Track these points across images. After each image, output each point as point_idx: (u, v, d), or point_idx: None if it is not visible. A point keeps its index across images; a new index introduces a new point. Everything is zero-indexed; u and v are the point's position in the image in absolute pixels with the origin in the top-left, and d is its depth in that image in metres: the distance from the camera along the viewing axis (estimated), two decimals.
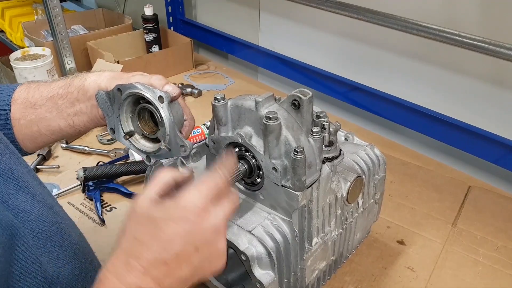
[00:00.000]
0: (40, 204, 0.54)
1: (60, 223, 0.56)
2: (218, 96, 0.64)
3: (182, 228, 0.47)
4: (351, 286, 0.87)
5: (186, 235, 0.47)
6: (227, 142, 0.67)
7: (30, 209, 0.52)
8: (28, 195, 0.53)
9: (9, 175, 0.52)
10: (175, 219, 0.47)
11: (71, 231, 0.59)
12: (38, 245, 0.51)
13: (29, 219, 0.51)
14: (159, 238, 0.47)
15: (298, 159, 0.57)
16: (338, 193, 0.71)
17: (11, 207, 0.49)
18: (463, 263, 0.93)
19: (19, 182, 0.53)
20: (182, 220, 0.47)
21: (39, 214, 0.53)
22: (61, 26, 1.55)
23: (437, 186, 1.14)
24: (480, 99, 1.18)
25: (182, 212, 0.47)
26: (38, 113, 0.65)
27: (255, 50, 1.69)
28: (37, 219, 0.52)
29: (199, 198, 0.49)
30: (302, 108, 0.61)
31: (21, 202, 0.51)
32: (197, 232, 0.48)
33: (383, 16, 1.19)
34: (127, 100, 0.62)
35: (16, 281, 0.46)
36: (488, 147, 1.15)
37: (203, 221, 0.48)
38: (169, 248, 0.47)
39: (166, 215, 0.47)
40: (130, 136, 0.65)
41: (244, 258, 0.62)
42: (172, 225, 0.47)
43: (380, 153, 0.83)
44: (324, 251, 0.73)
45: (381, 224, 1.01)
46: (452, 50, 1.14)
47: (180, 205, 0.48)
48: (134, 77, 0.64)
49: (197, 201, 0.48)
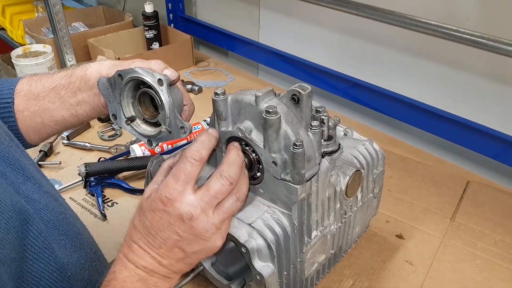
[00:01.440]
0: (46, 195, 0.55)
1: (65, 213, 0.57)
2: (218, 91, 0.65)
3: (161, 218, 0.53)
4: (350, 280, 0.88)
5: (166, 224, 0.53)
6: (228, 136, 0.68)
7: (38, 199, 0.53)
8: (35, 186, 0.54)
9: (17, 165, 0.53)
10: (154, 209, 0.53)
11: (76, 222, 0.60)
12: (49, 232, 0.52)
13: (39, 208, 0.52)
14: (145, 225, 0.54)
15: (297, 152, 0.58)
16: (337, 187, 0.72)
17: (21, 195, 0.51)
18: (462, 257, 0.93)
19: (26, 173, 0.54)
20: (159, 211, 0.53)
21: (47, 204, 0.54)
22: (61, 23, 1.55)
23: (436, 181, 1.15)
24: (479, 94, 1.19)
25: (158, 203, 0.53)
26: (41, 104, 0.66)
27: (255, 47, 1.70)
28: (45, 208, 0.53)
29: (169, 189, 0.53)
30: (302, 102, 0.62)
31: (30, 192, 0.53)
32: (174, 219, 0.53)
33: (383, 12, 1.19)
34: (127, 85, 0.63)
35: (29, 265, 0.47)
36: (487, 143, 1.16)
37: (175, 210, 0.53)
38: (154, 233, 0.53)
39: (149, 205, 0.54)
40: (132, 121, 0.66)
41: (244, 250, 0.62)
42: (152, 214, 0.53)
43: (379, 148, 0.83)
44: (323, 244, 0.74)
45: (380, 218, 1.02)
46: (451, 46, 1.14)
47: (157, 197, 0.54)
48: (134, 62, 0.65)
49: (168, 193, 0.53)
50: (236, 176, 0.56)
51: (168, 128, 0.62)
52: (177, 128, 0.62)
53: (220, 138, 0.68)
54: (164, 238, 0.53)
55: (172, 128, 0.62)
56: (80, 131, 1.32)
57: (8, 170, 0.51)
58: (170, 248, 0.53)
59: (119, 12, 1.96)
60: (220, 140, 0.69)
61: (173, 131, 0.63)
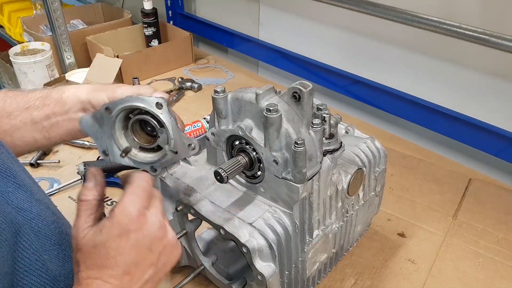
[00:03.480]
0: (38, 203, 0.53)
1: (57, 222, 0.55)
2: (218, 89, 0.64)
3: (128, 240, 0.48)
4: (352, 279, 0.87)
5: (134, 244, 0.49)
6: (228, 135, 0.67)
7: (29, 208, 0.51)
8: (27, 194, 0.53)
9: (7, 173, 0.51)
10: (119, 235, 0.48)
11: (69, 231, 0.58)
12: (40, 243, 0.51)
13: (29, 217, 0.51)
14: (111, 258, 0.47)
15: (298, 151, 0.57)
16: (339, 185, 0.71)
17: (10, 205, 0.49)
18: (464, 255, 0.93)
19: (17, 181, 0.52)
20: (124, 233, 0.48)
21: (38, 213, 0.52)
22: (60, 20, 1.54)
23: (437, 179, 1.14)
24: (481, 91, 1.18)
25: (121, 227, 0.48)
26: (13, 124, 0.63)
27: (255, 44, 1.68)
28: (37, 218, 0.52)
29: (133, 207, 0.50)
30: (303, 100, 0.61)
31: (21, 201, 0.51)
32: (143, 236, 0.49)
33: (384, 9, 1.18)
34: (118, 116, 0.60)
35: (20, 278, 0.46)
36: (489, 140, 1.15)
37: (144, 225, 0.50)
38: (124, 261, 0.48)
39: (109, 235, 0.48)
40: (127, 152, 0.63)
41: (245, 250, 0.62)
42: (117, 242, 0.48)
43: (380, 146, 0.83)
44: (325, 243, 0.73)
45: (381, 216, 1.01)
46: (452, 43, 1.13)
47: (116, 221, 0.48)
48: (119, 88, 0.62)
49: (131, 211, 0.49)
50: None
51: (173, 149, 0.59)
52: (184, 147, 0.59)
53: (220, 136, 0.68)
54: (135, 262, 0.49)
55: (178, 147, 0.59)
56: None
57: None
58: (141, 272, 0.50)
59: (118, 10, 1.95)
60: (221, 138, 0.68)
61: (180, 151, 0.60)
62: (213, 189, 0.71)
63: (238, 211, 0.66)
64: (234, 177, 0.69)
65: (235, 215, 0.65)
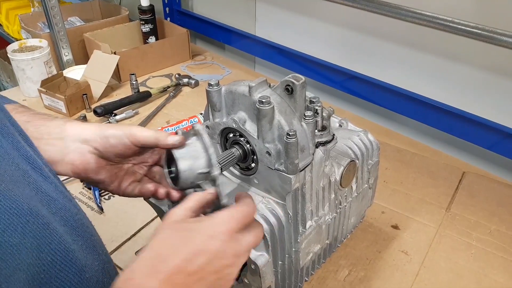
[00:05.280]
0: (62, 195, 0.54)
1: (79, 214, 0.56)
2: (212, 82, 0.65)
3: (212, 245, 0.48)
4: (346, 270, 0.88)
5: (212, 253, 0.48)
6: (222, 127, 0.68)
7: (57, 198, 0.52)
8: (52, 185, 0.53)
9: (35, 164, 0.52)
10: (208, 234, 0.49)
11: (88, 224, 0.59)
12: (67, 234, 0.51)
13: (58, 207, 0.51)
14: (189, 247, 0.48)
15: (290, 142, 0.58)
16: (332, 177, 0.72)
17: (43, 193, 0.49)
18: (457, 246, 0.94)
19: (43, 173, 0.53)
20: (214, 238, 0.49)
21: (64, 204, 0.53)
22: (57, 17, 1.55)
23: (431, 172, 1.15)
24: (475, 86, 1.19)
25: (215, 230, 0.49)
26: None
27: (251, 40, 1.69)
28: (64, 208, 0.52)
29: (232, 222, 0.50)
30: (295, 93, 0.62)
31: (50, 191, 0.52)
32: (222, 253, 0.49)
33: (378, 4, 1.19)
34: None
35: (47, 269, 0.46)
36: (482, 134, 1.16)
37: (230, 244, 0.50)
38: (194, 260, 0.48)
39: (200, 228, 0.49)
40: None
41: None
42: (204, 239, 0.48)
43: (373, 139, 0.84)
44: (319, 234, 0.74)
45: (376, 209, 1.02)
46: (446, 37, 1.14)
47: (215, 223, 0.50)
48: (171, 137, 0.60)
49: (230, 224, 0.50)
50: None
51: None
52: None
53: (215, 129, 0.69)
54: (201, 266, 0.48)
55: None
56: None
57: (29, 168, 0.51)
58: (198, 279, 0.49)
59: (115, 6, 1.95)
60: (215, 131, 0.69)
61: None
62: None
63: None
64: (228, 169, 0.70)
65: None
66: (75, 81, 1.43)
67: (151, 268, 0.47)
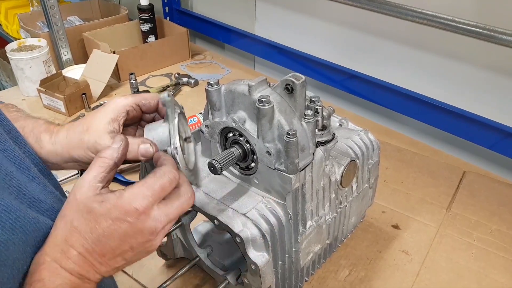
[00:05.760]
0: (51, 195, 0.53)
1: None
2: (212, 81, 0.65)
3: (119, 228, 0.47)
4: (346, 270, 0.88)
5: (122, 235, 0.48)
6: (221, 127, 0.68)
7: (44, 199, 0.51)
8: (40, 186, 0.53)
9: (22, 165, 0.52)
10: (114, 218, 0.47)
11: None
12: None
13: (44, 209, 0.51)
14: (95, 232, 0.47)
15: (290, 142, 0.58)
16: (332, 177, 0.72)
17: (27, 195, 0.49)
18: (457, 246, 0.94)
19: (31, 173, 0.52)
20: (120, 220, 0.47)
21: (52, 205, 0.52)
22: (56, 17, 1.55)
23: (432, 172, 1.15)
24: (475, 85, 1.19)
25: (121, 213, 0.47)
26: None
27: (251, 39, 1.69)
28: (50, 209, 0.52)
29: (141, 201, 0.48)
30: (295, 92, 0.62)
31: (36, 192, 0.51)
32: (134, 233, 0.48)
33: (378, 3, 1.19)
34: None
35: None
36: (483, 133, 1.16)
37: (141, 223, 0.48)
38: (104, 242, 0.47)
39: (106, 211, 0.47)
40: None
41: (239, 240, 0.62)
42: (110, 223, 0.47)
43: (374, 138, 0.83)
44: (319, 234, 0.74)
45: (376, 209, 1.02)
46: (447, 36, 1.14)
47: (120, 205, 0.48)
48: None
49: (138, 204, 0.48)
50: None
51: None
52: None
53: (214, 129, 0.69)
54: (113, 247, 0.48)
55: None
56: None
57: (14, 169, 0.50)
58: (113, 256, 0.49)
59: (114, 6, 1.95)
60: (215, 130, 0.69)
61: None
62: (208, 181, 0.72)
63: (232, 202, 0.67)
64: (227, 169, 0.69)
65: (229, 206, 0.66)
66: (74, 80, 1.42)
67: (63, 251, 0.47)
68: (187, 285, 0.84)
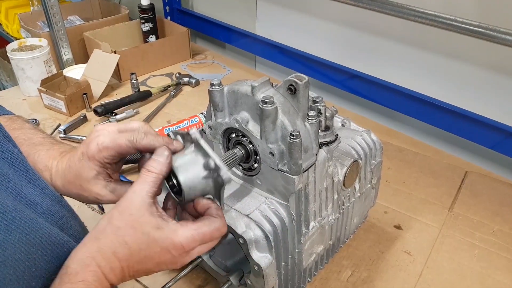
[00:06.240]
0: (49, 197, 0.54)
1: (66, 217, 0.56)
2: (215, 81, 0.64)
3: (163, 256, 0.52)
4: (349, 270, 0.88)
5: (161, 261, 0.52)
6: (224, 127, 0.67)
7: (40, 202, 0.52)
8: (38, 188, 0.53)
9: (20, 167, 0.52)
10: (163, 247, 0.51)
11: (76, 226, 0.59)
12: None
13: (40, 212, 0.51)
14: (143, 253, 0.51)
15: (294, 143, 0.58)
16: (335, 177, 0.72)
17: (23, 198, 0.50)
18: (460, 246, 0.94)
19: (29, 175, 0.53)
20: (166, 251, 0.51)
21: (48, 208, 0.53)
22: (57, 16, 1.54)
23: (434, 172, 1.15)
24: (477, 85, 1.19)
25: (170, 245, 0.51)
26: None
27: (252, 39, 1.69)
28: (46, 213, 0.52)
29: (190, 243, 0.52)
30: (298, 92, 0.62)
31: (32, 195, 0.51)
32: (170, 262, 0.53)
33: (380, 2, 1.18)
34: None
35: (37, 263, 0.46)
36: (485, 133, 1.16)
37: (180, 258, 0.53)
38: (145, 263, 0.52)
39: (158, 239, 0.51)
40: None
41: (242, 241, 0.62)
42: (158, 250, 0.51)
43: (376, 138, 0.83)
44: (322, 235, 0.74)
45: (378, 209, 1.02)
46: (449, 36, 1.14)
47: (171, 239, 0.51)
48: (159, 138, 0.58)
49: (187, 245, 0.52)
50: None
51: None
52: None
53: (217, 129, 0.68)
54: (148, 268, 0.52)
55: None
56: (77, 125, 1.31)
57: (11, 171, 0.51)
58: (142, 273, 0.53)
59: (115, 5, 1.94)
60: (217, 131, 0.69)
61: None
62: None
63: (235, 203, 0.67)
64: (230, 170, 0.69)
65: (232, 207, 0.66)
66: (75, 80, 1.42)
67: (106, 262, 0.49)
68: (189, 286, 0.84)
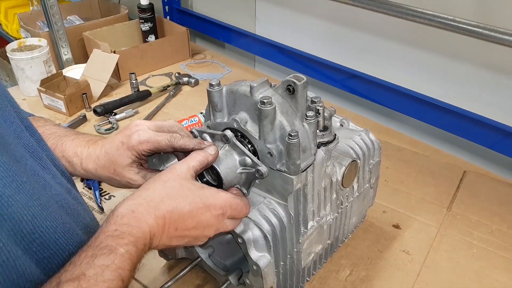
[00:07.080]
0: (60, 186, 0.55)
1: (76, 205, 0.56)
2: (213, 82, 0.65)
3: (203, 214, 0.57)
4: (347, 269, 0.88)
5: (200, 220, 0.57)
6: (223, 128, 0.68)
7: (53, 184, 0.53)
8: (49, 175, 0.54)
9: (35, 154, 0.54)
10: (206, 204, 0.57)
11: (86, 215, 0.59)
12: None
13: (53, 193, 0.52)
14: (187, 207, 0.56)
15: (292, 143, 0.58)
16: (333, 177, 0.72)
17: (39, 176, 0.51)
18: (458, 246, 0.94)
19: (42, 163, 0.54)
20: (210, 210, 0.58)
21: (60, 191, 0.54)
22: (56, 16, 1.54)
23: (432, 172, 1.15)
24: (476, 84, 1.19)
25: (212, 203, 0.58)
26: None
27: (251, 39, 1.69)
28: (59, 195, 0.53)
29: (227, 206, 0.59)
30: (297, 93, 0.62)
31: (47, 178, 0.53)
32: (207, 224, 0.58)
33: (379, 2, 1.19)
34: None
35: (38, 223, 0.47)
36: (483, 133, 1.16)
37: (217, 221, 0.59)
38: (186, 219, 0.56)
39: (203, 196, 0.58)
40: None
41: (241, 241, 0.63)
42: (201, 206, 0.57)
43: (375, 138, 0.84)
44: (320, 234, 0.74)
45: (377, 209, 1.02)
46: (447, 36, 1.14)
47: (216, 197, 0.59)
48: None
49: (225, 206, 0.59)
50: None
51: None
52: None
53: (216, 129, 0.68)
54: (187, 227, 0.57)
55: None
56: (76, 125, 1.32)
57: (28, 155, 0.52)
58: (179, 235, 0.57)
59: (114, 5, 1.94)
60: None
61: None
62: None
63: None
64: None
65: None
66: (75, 80, 1.42)
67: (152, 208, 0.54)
68: (188, 285, 0.84)
